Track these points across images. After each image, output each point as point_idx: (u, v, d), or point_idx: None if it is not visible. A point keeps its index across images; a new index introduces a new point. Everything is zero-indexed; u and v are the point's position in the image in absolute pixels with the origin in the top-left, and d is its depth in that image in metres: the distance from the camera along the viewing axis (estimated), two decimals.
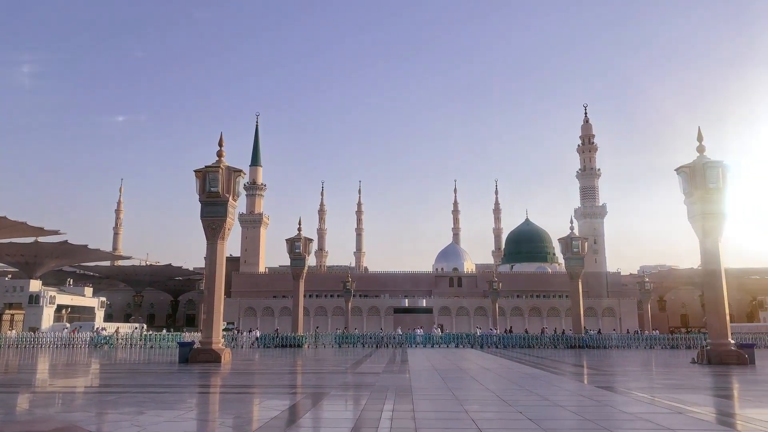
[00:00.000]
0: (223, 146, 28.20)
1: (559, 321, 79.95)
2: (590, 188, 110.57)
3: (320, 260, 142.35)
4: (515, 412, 10.42)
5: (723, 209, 25.94)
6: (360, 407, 11.59)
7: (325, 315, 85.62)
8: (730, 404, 12.89)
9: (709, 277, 26.50)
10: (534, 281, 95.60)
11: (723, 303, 26.10)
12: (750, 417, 10.33)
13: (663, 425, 8.93)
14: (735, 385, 17.01)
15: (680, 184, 26.89)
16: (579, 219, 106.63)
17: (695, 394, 14.14)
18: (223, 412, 11.36)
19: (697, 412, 10.38)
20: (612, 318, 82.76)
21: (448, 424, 9.41)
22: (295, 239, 46.58)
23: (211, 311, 26.50)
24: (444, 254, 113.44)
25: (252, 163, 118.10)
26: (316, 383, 17.62)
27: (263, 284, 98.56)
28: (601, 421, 9.69)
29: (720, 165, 25.98)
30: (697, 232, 26.43)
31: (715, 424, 9.62)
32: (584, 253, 48.23)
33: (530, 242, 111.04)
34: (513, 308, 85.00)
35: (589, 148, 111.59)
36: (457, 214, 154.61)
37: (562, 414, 10.64)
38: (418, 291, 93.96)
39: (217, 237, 26.71)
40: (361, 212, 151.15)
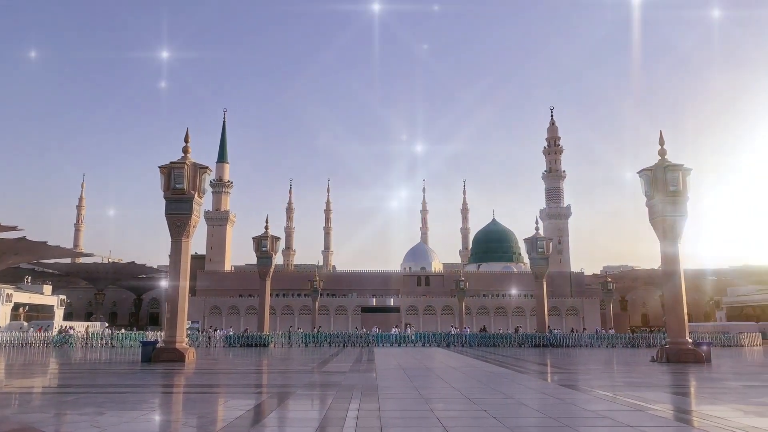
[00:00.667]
0: (189, 142, 27.77)
1: (524, 320, 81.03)
2: (555, 189, 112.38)
3: (288, 259, 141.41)
4: (480, 411, 10.52)
5: (683, 211, 26.63)
6: (326, 406, 11.55)
7: (292, 314, 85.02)
8: (687, 401, 13.25)
9: (668, 278, 27.19)
10: (500, 280, 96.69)
11: (681, 303, 26.82)
12: (706, 413, 10.64)
13: (623, 422, 9.13)
14: (692, 383, 17.49)
15: (642, 187, 27.51)
16: (544, 219, 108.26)
17: (654, 392, 14.49)
18: (186, 412, 11.20)
19: (656, 409, 10.64)
20: (575, 317, 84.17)
21: (414, 423, 9.45)
22: (262, 237, 46.16)
23: (175, 310, 26.08)
24: (412, 254, 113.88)
25: (218, 159, 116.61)
26: (282, 382, 17.51)
27: (229, 283, 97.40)
28: (564, 418, 9.87)
29: (680, 168, 26.67)
30: (657, 234, 27.08)
31: (673, 421, 9.88)
32: (549, 253, 48.97)
33: (497, 242, 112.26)
34: (479, 307, 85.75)
35: (554, 150, 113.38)
36: (425, 214, 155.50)
37: (526, 412, 10.79)
38: (386, 290, 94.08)
39: (182, 234, 26.31)
40: (330, 211, 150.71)
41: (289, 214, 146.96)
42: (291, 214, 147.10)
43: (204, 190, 27.34)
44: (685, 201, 26.63)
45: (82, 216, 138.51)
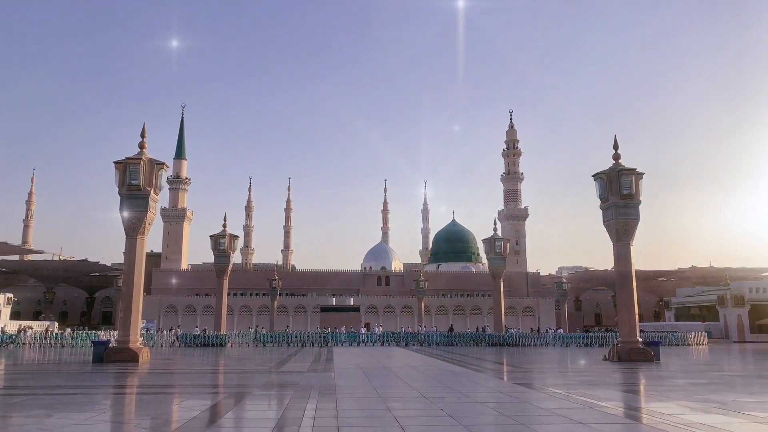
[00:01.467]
0: (145, 137, 27.15)
1: (481, 319, 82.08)
2: (513, 191, 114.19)
3: (246, 258, 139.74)
4: (437, 409, 10.62)
5: (635, 214, 27.42)
6: (283, 406, 11.48)
7: (250, 314, 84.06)
8: (636, 399, 13.66)
9: (620, 279, 27.95)
10: (459, 280, 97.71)
11: (633, 303, 27.62)
12: (654, 410, 11.00)
13: (575, 420, 9.36)
14: (641, 381, 18.04)
15: (597, 190, 28.21)
16: (502, 221, 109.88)
17: (606, 390, 14.89)
18: (139, 413, 10.96)
19: (608, 407, 10.94)
20: (532, 317, 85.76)
21: (371, 422, 9.48)
22: (219, 236, 45.49)
23: (129, 309, 25.46)
24: (373, 253, 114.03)
25: (176, 156, 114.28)
26: (239, 382, 17.31)
27: (185, 281, 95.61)
28: (518, 416, 10.05)
29: (633, 172, 27.45)
30: (611, 236, 27.82)
31: (623, 418, 10.16)
32: (506, 253, 49.76)
33: (456, 242, 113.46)
34: (438, 306, 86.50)
35: (513, 153, 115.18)
36: (386, 213, 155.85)
37: (482, 410, 10.95)
38: (346, 290, 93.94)
39: (137, 232, 25.71)
40: (290, 209, 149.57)
41: (249, 212, 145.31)
42: (250, 213, 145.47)
43: (161, 187, 26.80)
44: (637, 204, 27.42)
45: (32, 212, 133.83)
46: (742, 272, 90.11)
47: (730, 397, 12.84)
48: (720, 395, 13.21)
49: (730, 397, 12.67)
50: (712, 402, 11.71)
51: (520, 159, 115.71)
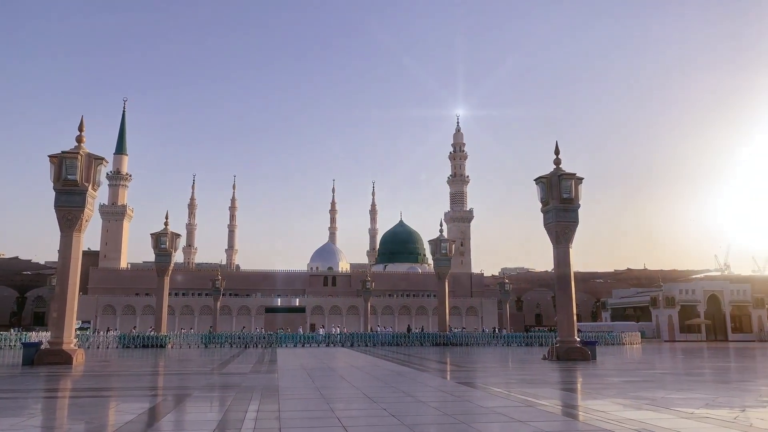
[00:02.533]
0: (83, 131, 26.14)
1: (426, 319, 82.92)
2: (459, 193, 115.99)
3: (188, 257, 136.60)
4: (380, 409, 10.67)
5: (574, 218, 28.30)
6: (224, 408, 11.28)
7: (192, 314, 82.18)
8: (573, 396, 14.10)
9: (560, 280, 28.79)
10: (405, 281, 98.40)
11: (571, 304, 28.50)
12: (589, 408, 11.38)
13: (515, 418, 9.58)
14: (578, 379, 18.62)
15: (538, 193, 28.98)
16: (448, 222, 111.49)
17: (545, 388, 15.30)
18: (71, 417, 10.54)
19: (546, 405, 11.25)
20: (475, 317, 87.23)
21: (313, 423, 9.43)
22: (161, 234, 44.30)
23: (62, 309, 24.45)
24: (319, 253, 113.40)
25: (117, 151, 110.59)
26: (179, 384, 16.90)
27: (125, 281, 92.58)
28: (460, 415, 10.22)
29: (573, 177, 28.33)
30: (551, 238, 28.62)
31: (561, 416, 10.46)
32: (452, 254, 50.48)
33: (403, 243, 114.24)
34: (384, 307, 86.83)
35: (459, 156, 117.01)
36: (334, 214, 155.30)
37: (424, 410, 11.06)
38: (292, 290, 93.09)
39: (73, 229, 24.72)
40: (235, 208, 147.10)
41: (192, 210, 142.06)
42: (193, 211, 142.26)
43: (99, 183, 25.87)
44: (576, 208, 28.31)
45: None
46: (673, 274, 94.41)
47: (660, 393, 13.42)
48: (651, 392, 13.79)
49: (660, 394, 13.25)
50: (643, 399, 12.21)
51: (466, 162, 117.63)
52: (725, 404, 11.59)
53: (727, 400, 12.38)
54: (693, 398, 12.61)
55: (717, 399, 12.53)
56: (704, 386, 16.21)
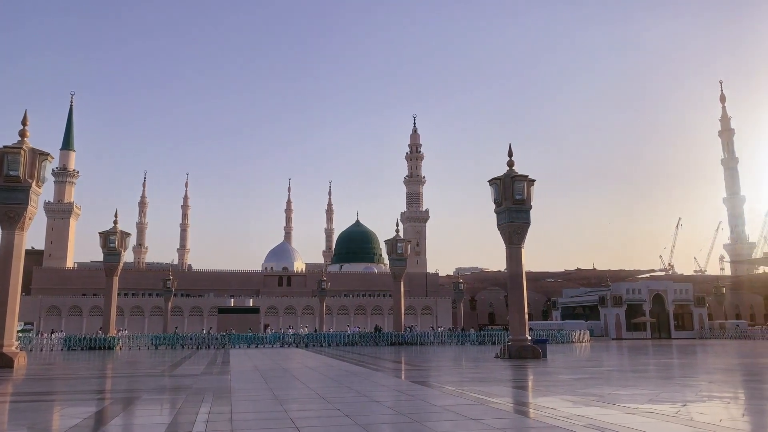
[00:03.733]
0: (27, 125, 25.17)
1: (382, 319, 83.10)
2: (415, 194, 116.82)
3: (139, 256, 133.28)
4: (334, 409, 10.64)
5: (526, 218, 28.82)
6: (174, 411, 11.04)
7: (142, 315, 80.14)
8: (524, 394, 14.38)
9: (512, 280, 29.28)
10: (361, 281, 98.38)
11: (523, 303, 29.03)
12: (539, 405, 11.64)
13: (467, 416, 9.71)
14: (530, 377, 19.00)
15: (492, 195, 29.40)
16: (405, 222, 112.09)
17: (497, 386, 15.55)
18: (12, 422, 10.11)
19: (498, 403, 11.44)
20: (430, 316, 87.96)
21: (267, 425, 9.33)
22: (109, 233, 43.01)
23: (3, 310, 23.45)
24: (274, 253, 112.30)
25: (63, 146, 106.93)
26: (127, 387, 16.45)
27: (71, 281, 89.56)
28: (413, 414, 10.28)
29: (525, 179, 28.86)
30: (504, 239, 29.08)
31: (512, 413, 10.66)
32: (407, 254, 50.72)
33: (360, 243, 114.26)
34: (340, 307, 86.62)
35: (416, 156, 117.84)
36: (290, 213, 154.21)
37: (378, 409, 11.08)
38: (246, 290, 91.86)
39: (15, 227, 23.75)
40: (188, 207, 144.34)
41: (142, 208, 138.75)
42: (144, 209, 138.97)
43: (44, 179, 24.94)
44: (528, 209, 28.84)
45: None
46: (621, 274, 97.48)
47: (607, 390, 13.82)
48: (598, 389, 14.19)
49: (607, 390, 13.65)
50: (591, 395, 12.55)
51: (422, 162, 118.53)
52: (668, 399, 12.03)
53: (670, 396, 12.85)
54: (638, 394, 13.04)
55: (660, 394, 13.00)
56: (649, 382, 16.78)
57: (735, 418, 9.92)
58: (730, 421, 9.36)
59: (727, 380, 17.50)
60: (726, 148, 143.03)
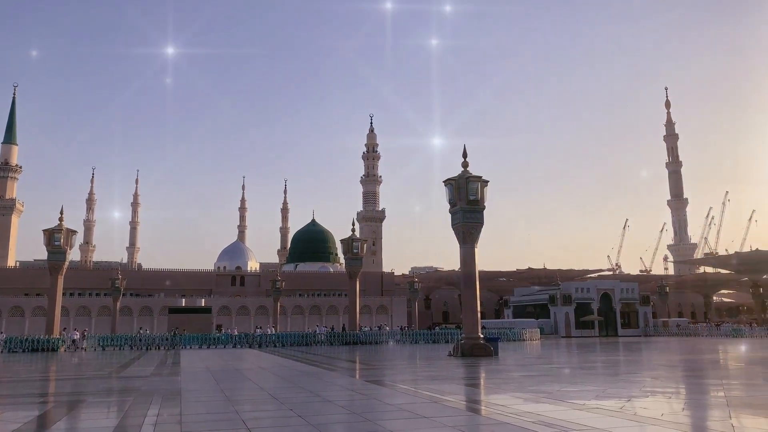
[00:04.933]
0: None
1: (337, 319, 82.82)
2: (372, 193, 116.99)
3: (86, 255, 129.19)
4: (286, 410, 10.57)
5: (479, 219, 29.23)
6: (121, 413, 10.76)
7: (89, 315, 77.56)
8: (476, 392, 14.60)
9: (465, 279, 29.66)
10: (317, 280, 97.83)
11: (476, 302, 29.44)
12: (491, 402, 11.85)
13: (420, 414, 9.80)
14: (482, 375, 19.29)
15: (446, 195, 29.71)
16: (361, 222, 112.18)
17: (449, 384, 15.74)
18: None
19: (450, 400, 11.58)
20: (385, 315, 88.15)
21: (217, 426, 9.19)
22: (54, 230, 41.48)
23: None
24: (227, 252, 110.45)
25: (5, 140, 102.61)
26: (72, 390, 15.92)
27: (12, 280, 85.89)
28: (367, 413, 10.31)
29: (479, 180, 29.28)
30: (458, 238, 29.41)
31: (464, 410, 10.81)
32: (363, 254, 50.70)
33: (315, 242, 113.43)
34: (294, 307, 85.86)
35: (373, 156, 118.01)
36: (244, 212, 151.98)
37: (331, 409, 11.07)
38: (198, 290, 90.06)
39: None
40: (138, 204, 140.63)
41: (90, 205, 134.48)
42: (92, 206, 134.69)
43: None
44: (482, 209, 29.25)
45: None
46: (570, 274, 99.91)
47: (556, 387, 14.17)
48: (548, 386, 14.54)
49: (556, 387, 13.99)
50: (541, 392, 12.84)
51: (379, 162, 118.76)
52: (613, 395, 12.42)
53: (615, 392, 13.27)
54: (585, 390, 13.42)
55: (606, 390, 13.41)
56: (595, 379, 17.29)
57: (676, 412, 10.33)
58: (671, 415, 9.74)
59: (669, 376, 18.19)
60: (670, 152, 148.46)
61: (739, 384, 15.17)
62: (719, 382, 15.48)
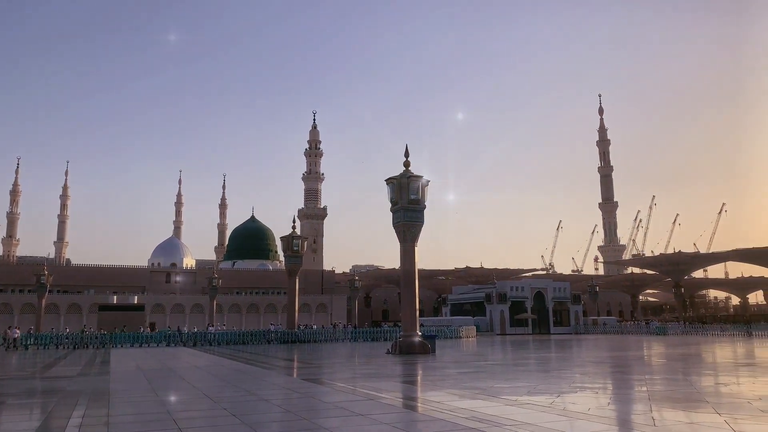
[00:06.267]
0: None
1: (275, 317, 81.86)
2: (314, 191, 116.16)
3: (9, 249, 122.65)
4: (220, 409, 10.37)
5: (420, 218, 29.56)
6: (44, 415, 10.27)
7: (11, 312, 73.62)
8: (413, 389, 14.74)
9: (405, 277, 29.93)
10: (255, 278, 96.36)
11: (415, 300, 29.74)
12: (427, 399, 11.99)
13: (356, 411, 9.81)
14: (418, 372, 19.50)
15: (388, 194, 29.88)
16: (302, 219, 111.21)
17: (387, 382, 15.84)
18: None
19: (387, 398, 11.65)
20: (324, 314, 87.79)
21: (148, 427, 8.90)
22: None
23: None
24: (162, 248, 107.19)
25: None
26: None
27: None
28: (303, 411, 10.24)
29: (420, 179, 29.59)
30: (398, 237, 29.64)
31: (400, 408, 10.89)
32: (304, 251, 50.31)
33: (254, 239, 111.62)
34: (232, 305, 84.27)
35: (315, 153, 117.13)
36: (180, 206, 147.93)
37: (267, 408, 10.93)
38: (130, 287, 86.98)
39: None
40: (67, 197, 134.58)
41: (14, 197, 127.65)
42: (16, 198, 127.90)
43: None
44: (422, 209, 29.59)
45: None
46: (506, 273, 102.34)
47: (490, 383, 14.50)
48: (482, 382, 14.86)
49: (490, 384, 14.32)
50: (475, 389, 13.10)
51: (321, 159, 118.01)
52: (545, 391, 12.82)
53: (546, 387, 13.70)
54: (518, 386, 13.78)
55: (538, 387, 13.82)
56: (528, 375, 17.79)
57: (602, 406, 10.76)
58: (597, 409, 10.13)
59: (596, 372, 18.94)
60: (602, 156, 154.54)
61: (660, 379, 15.95)
62: (642, 378, 16.24)
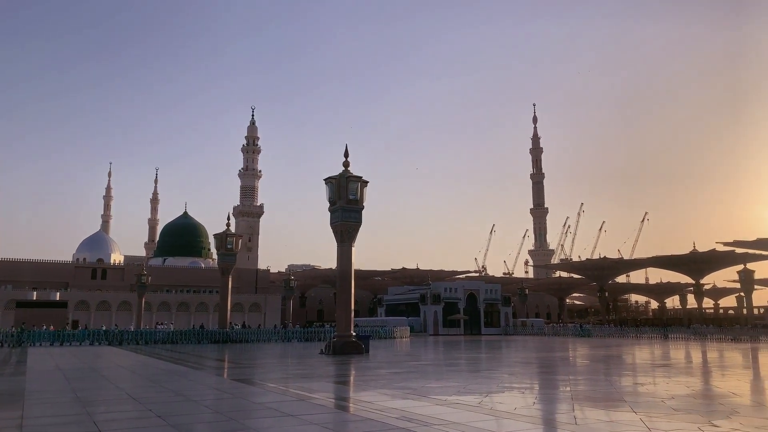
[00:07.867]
0: None
1: (207, 316, 79.90)
2: (250, 188, 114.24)
3: None
4: (145, 410, 10.05)
5: (358, 218, 29.59)
6: None
7: None
8: (345, 389, 14.75)
9: (341, 277, 29.90)
10: (187, 276, 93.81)
11: (350, 300, 29.75)
12: (358, 399, 12.03)
13: (287, 412, 9.73)
14: (351, 372, 19.53)
15: (327, 193, 29.76)
16: (237, 216, 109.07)
17: (319, 382, 15.78)
18: None
19: (318, 398, 11.61)
20: (258, 313, 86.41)
21: (65, 429, 8.52)
22: None
23: None
24: (89, 243, 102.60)
25: None
26: None
27: None
28: (231, 412, 10.06)
29: (359, 180, 29.62)
30: (336, 237, 29.58)
31: (332, 408, 10.88)
32: (238, 249, 49.34)
33: (186, 236, 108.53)
34: (161, 303, 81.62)
35: (253, 149, 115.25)
36: (109, 200, 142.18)
37: (195, 409, 10.67)
38: (52, 283, 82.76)
39: None
40: None
41: None
42: None
43: None
44: (360, 209, 29.63)
45: None
46: (441, 274, 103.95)
47: (421, 383, 14.69)
48: (414, 382, 15.03)
49: (421, 384, 14.50)
50: (407, 389, 13.24)
51: (259, 156, 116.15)
52: (474, 391, 13.11)
53: (476, 387, 14.01)
54: (448, 386, 14.03)
55: (467, 386, 14.12)
56: (458, 375, 18.14)
57: (528, 405, 11.10)
58: (524, 408, 10.45)
59: (524, 372, 19.53)
60: (535, 164, 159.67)
61: (583, 379, 16.62)
62: (567, 378, 16.87)
